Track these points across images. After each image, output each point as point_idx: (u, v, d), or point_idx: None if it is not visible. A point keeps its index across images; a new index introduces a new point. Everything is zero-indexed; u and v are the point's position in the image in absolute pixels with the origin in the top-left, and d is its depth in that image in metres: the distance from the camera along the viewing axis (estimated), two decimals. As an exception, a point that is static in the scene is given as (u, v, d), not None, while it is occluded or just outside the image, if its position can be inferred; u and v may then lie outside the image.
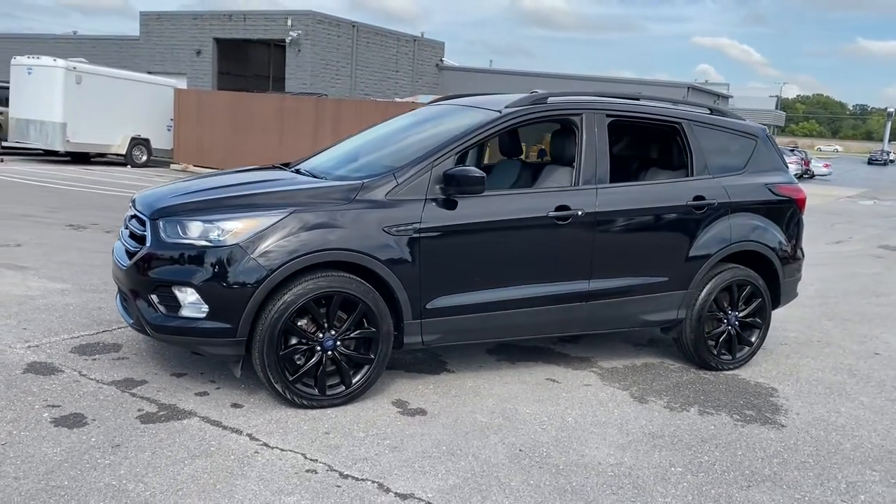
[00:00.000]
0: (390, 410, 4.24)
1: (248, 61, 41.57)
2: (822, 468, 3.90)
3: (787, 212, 5.57)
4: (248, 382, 4.43)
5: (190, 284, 3.94)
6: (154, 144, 20.40)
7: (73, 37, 47.13)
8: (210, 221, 3.98)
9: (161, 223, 4.06)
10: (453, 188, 4.32)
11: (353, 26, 40.09)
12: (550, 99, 4.94)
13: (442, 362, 5.16)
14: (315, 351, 4.13)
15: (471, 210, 4.45)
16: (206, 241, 3.96)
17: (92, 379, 4.36)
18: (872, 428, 4.51)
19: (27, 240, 8.48)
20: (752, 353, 5.50)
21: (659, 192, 5.10)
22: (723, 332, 5.34)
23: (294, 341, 4.09)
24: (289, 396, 4.09)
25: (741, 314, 5.38)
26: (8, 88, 19.19)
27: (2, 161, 18.08)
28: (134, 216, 4.40)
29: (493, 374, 4.99)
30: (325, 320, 4.11)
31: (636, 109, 5.21)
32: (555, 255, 4.72)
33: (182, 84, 34.34)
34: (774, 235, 5.44)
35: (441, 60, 47.11)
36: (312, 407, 4.14)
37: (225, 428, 3.85)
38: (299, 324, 4.10)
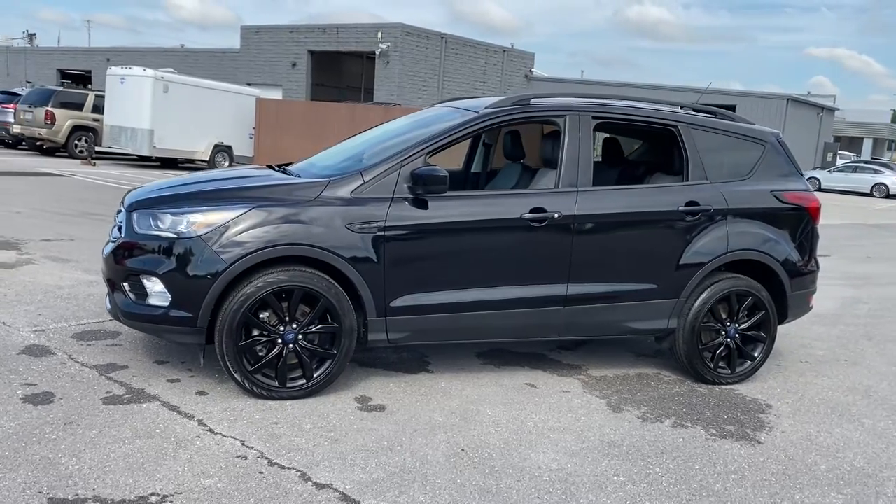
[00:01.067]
0: (349, 405, 4.28)
1: (342, 73, 42.69)
2: (781, 487, 3.69)
3: (796, 221, 5.29)
4: (221, 372, 4.57)
5: (155, 274, 4.12)
6: (236, 151, 21.26)
7: (181, 50, 49.79)
8: (178, 214, 4.15)
9: (135, 215, 4.26)
10: (420, 187, 4.34)
11: (442, 38, 40.59)
12: (534, 100, 4.89)
13: (424, 363, 5.17)
14: (276, 343, 4.22)
15: (442, 210, 4.45)
16: (173, 233, 4.12)
17: (78, 362, 4.61)
18: (861, 450, 4.22)
19: (81, 235, 9.02)
20: (755, 369, 5.24)
21: (647, 196, 4.96)
22: (721, 345, 5.12)
23: (256, 333, 4.20)
24: (248, 386, 4.20)
25: (742, 327, 5.14)
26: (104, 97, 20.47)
27: (93, 164, 19.28)
28: (119, 210, 4.64)
29: (472, 376, 4.96)
30: (285, 314, 4.20)
31: (627, 112, 5.08)
32: (530, 257, 4.65)
33: (278, 95, 35.72)
34: (780, 245, 5.18)
35: (530, 71, 47.01)
36: (272, 398, 4.24)
37: (179, 413, 3.99)
38: (261, 316, 4.21)
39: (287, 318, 4.22)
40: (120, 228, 4.55)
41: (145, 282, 4.15)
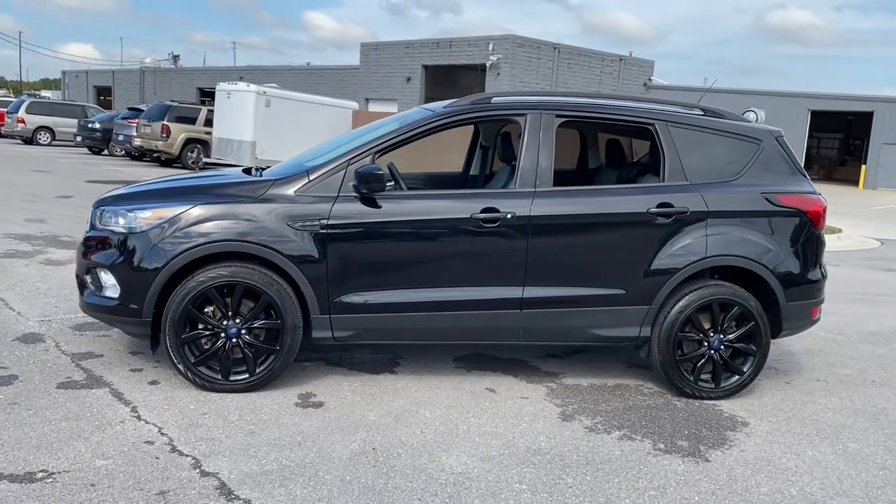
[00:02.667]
0: (289, 401, 4.34)
1: (455, 86, 43.16)
2: (697, 507, 3.41)
3: (792, 225, 4.88)
4: (183, 364, 4.75)
5: (108, 267, 4.35)
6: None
7: (306, 68, 52.09)
8: (131, 210, 4.37)
9: (97, 212, 4.52)
10: (363, 186, 4.35)
11: (555, 48, 40.32)
12: (495, 99, 4.80)
13: (395, 363, 5.15)
14: (220, 337, 4.35)
15: (389, 209, 4.44)
16: (124, 228, 4.34)
17: (60, 349, 4.93)
18: (823, 475, 3.83)
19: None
20: (743, 384, 4.87)
21: (613, 198, 4.73)
22: (703, 357, 4.79)
23: (201, 326, 4.34)
24: (190, 377, 4.34)
25: (728, 338, 4.79)
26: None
27: (200, 175, 20.49)
28: None
29: (435, 378, 4.90)
30: (227, 308, 4.32)
31: (596, 109, 4.88)
32: (482, 258, 4.55)
33: (394, 109, 36.63)
34: (771, 250, 4.79)
35: (649, 79, 45.81)
36: (214, 390, 4.36)
37: (121, 399, 4.18)
38: (206, 310, 4.35)
39: (230, 313, 4.33)
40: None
41: (101, 274, 4.39)
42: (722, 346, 4.80)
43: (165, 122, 21.68)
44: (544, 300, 4.60)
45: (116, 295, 4.34)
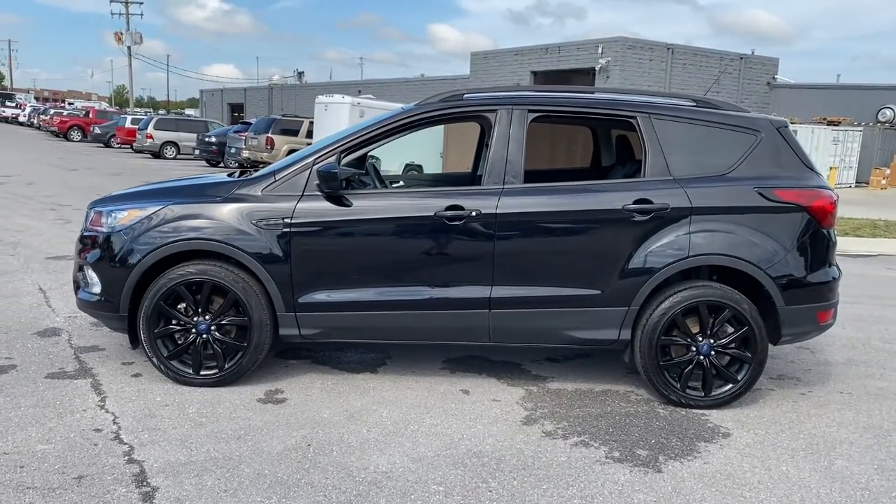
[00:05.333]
0: (253, 396, 4.43)
1: (565, 91, 42.51)
2: (616, 519, 3.20)
3: (792, 222, 4.49)
4: (171, 359, 4.95)
5: (92, 265, 4.60)
6: (426, 170, 22.23)
7: (420, 79, 52.98)
8: (113, 211, 4.61)
9: (89, 213, 4.79)
10: (323, 185, 4.40)
11: (668, 49, 39.01)
12: (467, 95, 4.71)
13: (380, 363, 5.15)
14: (191, 332, 4.51)
15: (357, 207, 4.46)
16: (107, 228, 4.58)
17: (70, 344, 5.26)
18: (787, 492, 3.51)
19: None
20: (737, 393, 4.52)
21: (586, 194, 4.52)
22: (690, 363, 4.50)
23: (173, 322, 4.52)
24: (163, 370, 4.52)
25: (719, 343, 4.48)
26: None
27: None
28: None
29: (413, 379, 4.86)
30: (195, 305, 4.47)
31: (571, 103, 4.69)
32: (448, 257, 4.47)
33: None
34: (766, 249, 4.43)
35: (773, 77, 43.45)
36: (186, 383, 4.51)
37: (95, 390, 4.41)
38: (179, 306, 4.52)
39: (200, 310, 4.48)
40: None
41: (87, 272, 4.66)
42: (712, 352, 4.48)
43: (270, 135, 22.67)
44: (513, 300, 4.47)
45: (98, 291, 4.58)
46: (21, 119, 55.53)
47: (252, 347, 4.49)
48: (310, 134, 22.86)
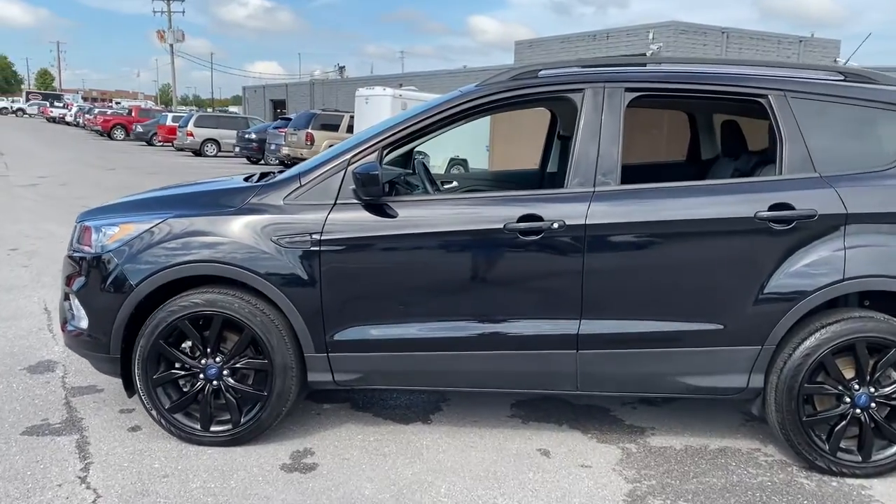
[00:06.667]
0: (276, 461, 3.47)
1: (615, 80, 41.09)
2: None
3: (984, 233, 3.37)
4: (179, 405, 4.03)
5: (76, 292, 3.70)
6: (472, 164, 21.15)
7: (462, 70, 51.83)
8: (99, 228, 3.68)
9: (77, 227, 3.89)
10: (360, 190, 3.42)
11: (723, 33, 37.24)
12: (543, 72, 3.67)
13: (433, 409, 4.17)
14: (199, 379, 3.58)
15: (404, 218, 3.47)
16: (94, 246, 3.66)
17: (63, 382, 4.38)
18: None
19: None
20: (909, 458, 3.43)
21: (705, 198, 3.45)
22: (844, 418, 3.42)
23: (178, 365, 3.59)
24: (164, 426, 3.60)
25: (882, 393, 3.39)
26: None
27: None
28: None
29: (476, 432, 3.86)
30: (203, 344, 3.54)
31: (682, 79, 3.62)
32: (521, 282, 3.47)
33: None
34: (950, 271, 3.32)
35: (835, 60, 41.20)
36: (192, 442, 3.59)
37: (80, 452, 3.50)
38: (183, 346, 3.59)
39: (209, 350, 3.55)
40: None
41: (73, 300, 3.76)
42: (873, 404, 3.39)
43: (309, 131, 21.87)
44: (608, 338, 3.43)
45: (85, 326, 3.68)
46: (68, 119, 55.92)
47: (274, 397, 3.54)
48: (350, 129, 21.97)
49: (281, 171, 4.02)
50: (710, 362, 3.44)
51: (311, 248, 3.44)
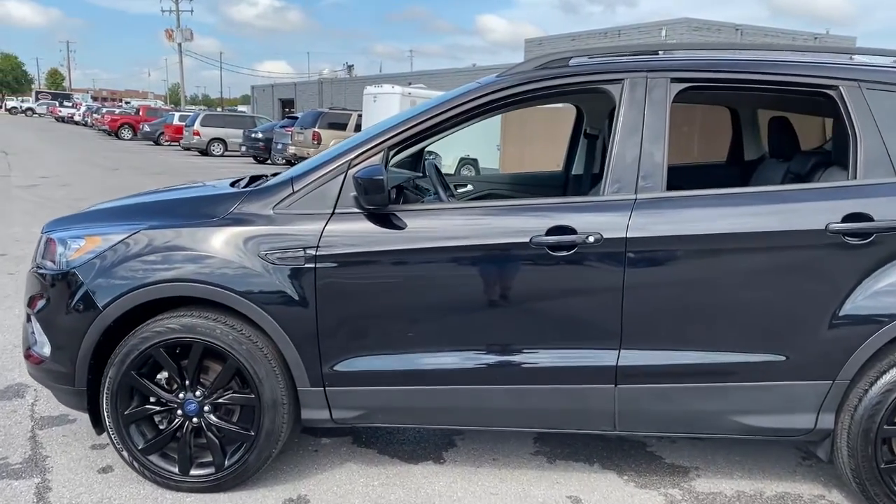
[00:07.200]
0: (265, 511, 3.00)
1: (626, 78, 40.48)
2: None
3: None
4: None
5: (37, 316, 3.22)
6: (482, 164, 20.63)
7: (472, 69, 51.26)
8: (64, 240, 3.20)
9: (42, 239, 3.42)
10: (362, 197, 2.93)
11: (737, 29, 36.65)
12: (575, 60, 3.17)
13: (446, 445, 3.68)
14: (177, 415, 3.10)
15: (414, 230, 2.99)
16: (57, 262, 3.19)
17: (32, 411, 3.92)
18: None
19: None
20: None
21: (765, 206, 2.95)
22: (929, 465, 2.91)
23: (153, 400, 3.11)
24: (137, 468, 3.12)
25: (975, 436, 2.88)
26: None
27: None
28: None
29: (496, 474, 3.37)
30: (180, 375, 3.06)
31: (736, 68, 3.11)
32: (551, 305, 2.97)
33: (557, 104, 34.93)
34: None
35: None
36: (170, 488, 3.11)
37: (39, 496, 3.03)
38: (158, 377, 3.11)
39: (188, 383, 3.07)
40: None
41: (35, 322, 3.28)
42: (964, 450, 2.88)
43: (316, 130, 21.41)
44: (652, 370, 2.94)
45: (48, 353, 3.20)
46: (76, 118, 55.72)
47: (262, 437, 3.05)
48: (358, 128, 21.52)
49: (274, 175, 3.53)
50: (772, 399, 2.94)
51: (305, 266, 2.95)
